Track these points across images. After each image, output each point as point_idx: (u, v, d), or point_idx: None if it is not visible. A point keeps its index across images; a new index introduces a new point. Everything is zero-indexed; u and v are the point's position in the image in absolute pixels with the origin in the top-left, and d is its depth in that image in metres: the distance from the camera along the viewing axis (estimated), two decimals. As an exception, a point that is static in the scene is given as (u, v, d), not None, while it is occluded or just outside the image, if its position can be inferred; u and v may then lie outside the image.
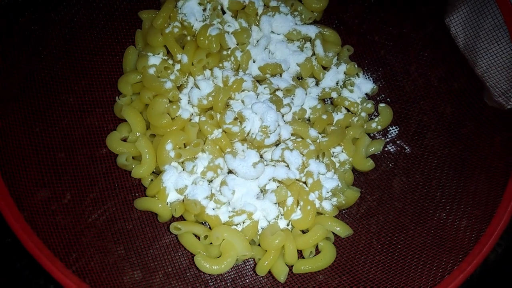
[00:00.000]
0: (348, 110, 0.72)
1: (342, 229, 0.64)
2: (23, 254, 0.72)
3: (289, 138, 0.66)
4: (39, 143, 0.62)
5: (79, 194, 0.64)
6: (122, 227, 0.65)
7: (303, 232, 0.65)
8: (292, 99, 0.69)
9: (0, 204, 0.49)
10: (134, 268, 0.62)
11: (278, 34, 0.72)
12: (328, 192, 0.65)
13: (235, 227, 0.63)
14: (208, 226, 0.65)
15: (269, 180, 0.65)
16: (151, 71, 0.67)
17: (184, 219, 0.65)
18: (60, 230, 0.58)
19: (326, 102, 0.74)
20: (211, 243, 0.63)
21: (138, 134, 0.66)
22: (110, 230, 0.64)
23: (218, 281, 0.64)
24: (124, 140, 0.67)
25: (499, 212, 0.55)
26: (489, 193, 0.61)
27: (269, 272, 0.63)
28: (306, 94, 0.70)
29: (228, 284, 0.64)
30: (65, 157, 0.64)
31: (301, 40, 0.73)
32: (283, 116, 0.68)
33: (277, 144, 0.66)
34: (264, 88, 0.68)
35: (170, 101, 0.67)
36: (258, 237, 0.64)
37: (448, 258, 0.57)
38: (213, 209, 0.63)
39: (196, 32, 0.69)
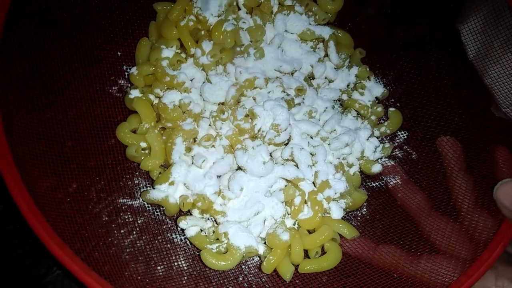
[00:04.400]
0: (358, 113, 0.72)
1: (348, 231, 0.64)
2: (23, 241, 0.72)
3: (299, 138, 0.66)
4: (49, 130, 0.61)
5: (86, 184, 0.63)
6: (127, 220, 0.64)
7: (309, 232, 0.65)
8: (303, 98, 0.69)
9: (11, 188, 0.48)
10: (137, 261, 0.62)
11: (291, 33, 0.72)
12: (336, 194, 0.65)
13: (242, 223, 0.63)
14: (215, 222, 0.64)
15: (278, 178, 0.65)
16: (164, 63, 0.67)
17: (191, 214, 0.65)
18: (67, 219, 0.58)
19: (336, 104, 0.74)
20: (217, 239, 0.62)
21: (148, 126, 0.66)
22: (115, 221, 0.63)
23: (221, 279, 0.64)
24: (134, 131, 0.67)
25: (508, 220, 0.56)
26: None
27: (274, 271, 0.63)
28: (317, 94, 0.70)
29: (231, 282, 0.64)
30: (73, 146, 0.64)
31: (314, 40, 0.73)
32: (293, 115, 0.68)
33: (286, 143, 0.66)
34: (276, 86, 0.68)
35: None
36: (265, 235, 0.63)
37: (456, 264, 0.57)
38: (221, 205, 0.63)
39: (211, 27, 0.68)
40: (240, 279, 0.64)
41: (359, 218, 0.69)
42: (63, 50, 0.66)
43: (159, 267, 0.62)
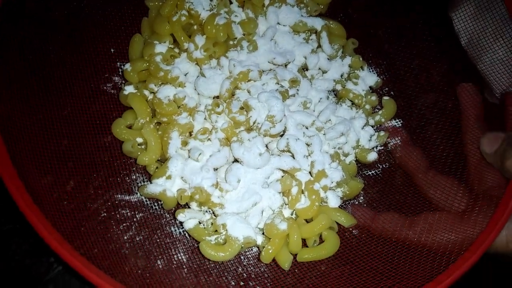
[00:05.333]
0: (352, 103, 0.73)
1: (346, 219, 0.64)
2: (23, 240, 0.72)
3: (295, 128, 0.67)
4: (45, 128, 0.62)
5: (83, 181, 0.63)
6: (125, 215, 0.65)
7: (307, 221, 0.65)
8: (297, 90, 0.69)
9: (9, 186, 0.49)
10: (136, 255, 0.62)
11: (284, 25, 0.73)
12: (332, 182, 0.65)
13: (240, 215, 0.63)
14: (213, 214, 0.65)
15: (274, 169, 0.65)
16: (158, 59, 0.67)
17: (189, 207, 0.65)
18: (66, 216, 0.58)
19: (331, 94, 0.75)
20: (216, 231, 0.63)
21: (143, 121, 0.66)
22: (113, 217, 0.64)
23: (220, 270, 0.64)
24: (130, 127, 0.67)
25: (503, 202, 0.56)
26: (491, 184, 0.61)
27: (272, 261, 0.63)
28: (311, 85, 0.71)
29: (230, 273, 0.64)
30: (70, 143, 0.64)
31: (307, 32, 0.73)
32: (288, 106, 0.68)
33: (282, 134, 0.67)
34: (270, 78, 0.68)
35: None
36: (263, 225, 0.64)
37: (452, 248, 0.57)
38: (218, 197, 0.63)
39: (203, 21, 0.69)
40: (240, 270, 0.64)
41: (356, 206, 0.70)
42: (57, 48, 0.66)
43: (159, 261, 0.62)
